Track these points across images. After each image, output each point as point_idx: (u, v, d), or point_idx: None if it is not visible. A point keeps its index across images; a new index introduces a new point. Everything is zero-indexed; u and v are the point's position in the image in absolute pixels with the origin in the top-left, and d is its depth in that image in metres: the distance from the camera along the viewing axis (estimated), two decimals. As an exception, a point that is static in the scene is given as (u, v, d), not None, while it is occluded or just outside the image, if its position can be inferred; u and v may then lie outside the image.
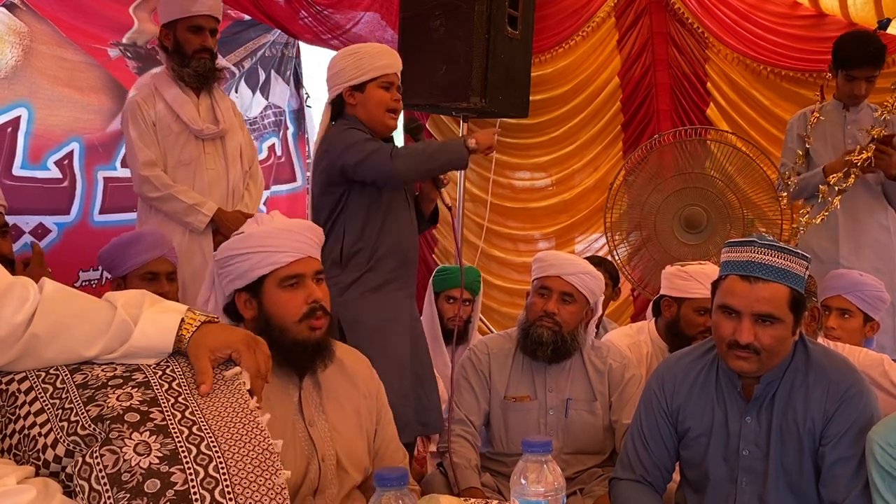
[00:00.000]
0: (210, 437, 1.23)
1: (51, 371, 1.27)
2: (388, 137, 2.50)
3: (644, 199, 3.69)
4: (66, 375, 1.26)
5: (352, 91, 2.41)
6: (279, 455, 1.27)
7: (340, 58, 2.44)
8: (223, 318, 1.75)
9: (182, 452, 1.19)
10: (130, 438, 1.18)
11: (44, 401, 1.23)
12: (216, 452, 1.21)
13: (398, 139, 2.70)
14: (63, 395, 1.23)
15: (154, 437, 1.19)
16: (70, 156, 3.74)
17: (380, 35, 4.63)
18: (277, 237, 1.74)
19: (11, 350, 1.23)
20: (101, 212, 3.87)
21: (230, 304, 1.79)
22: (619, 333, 2.92)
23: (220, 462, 1.20)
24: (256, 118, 4.76)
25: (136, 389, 1.25)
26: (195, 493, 1.15)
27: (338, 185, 2.38)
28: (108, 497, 1.13)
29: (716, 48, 4.79)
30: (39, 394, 1.24)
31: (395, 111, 2.44)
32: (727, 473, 1.88)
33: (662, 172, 3.66)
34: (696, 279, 2.56)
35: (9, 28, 3.48)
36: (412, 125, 3.46)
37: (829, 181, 3.25)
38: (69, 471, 1.18)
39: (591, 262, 2.58)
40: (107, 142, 3.88)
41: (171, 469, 1.16)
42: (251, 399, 1.32)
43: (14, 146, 3.52)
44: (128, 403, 1.22)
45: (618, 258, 3.75)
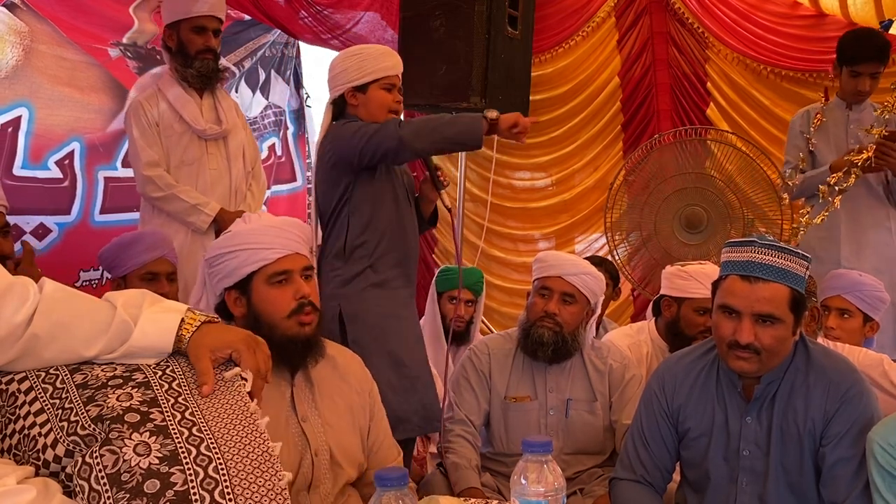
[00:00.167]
0: (210, 438, 1.23)
1: (51, 371, 1.26)
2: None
3: (644, 199, 3.69)
4: (66, 375, 1.26)
5: (354, 92, 2.42)
6: (279, 458, 1.27)
7: (343, 58, 2.45)
8: (216, 318, 1.76)
9: (182, 453, 1.19)
10: (130, 439, 1.18)
11: (44, 401, 1.23)
12: (216, 453, 1.21)
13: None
14: (63, 395, 1.23)
15: (154, 438, 1.19)
16: (70, 156, 3.74)
17: (380, 35, 4.62)
18: (264, 234, 1.75)
19: (11, 350, 1.23)
20: (102, 212, 3.88)
21: (221, 303, 1.80)
22: (620, 333, 2.92)
23: (220, 463, 1.20)
24: (256, 118, 4.76)
25: (136, 389, 1.25)
26: (195, 494, 1.15)
27: (344, 176, 2.39)
28: (108, 497, 1.13)
29: (716, 48, 4.78)
30: (39, 394, 1.24)
31: (397, 112, 2.46)
32: (727, 473, 1.88)
33: (662, 172, 3.66)
34: (697, 279, 2.56)
35: (9, 28, 3.48)
36: None
37: (830, 181, 3.25)
38: (69, 471, 1.18)
39: (592, 262, 2.59)
40: (107, 142, 3.88)
41: (171, 469, 1.16)
42: (251, 402, 1.32)
43: (15, 146, 3.52)
44: (128, 403, 1.22)
45: (618, 258, 3.74)
